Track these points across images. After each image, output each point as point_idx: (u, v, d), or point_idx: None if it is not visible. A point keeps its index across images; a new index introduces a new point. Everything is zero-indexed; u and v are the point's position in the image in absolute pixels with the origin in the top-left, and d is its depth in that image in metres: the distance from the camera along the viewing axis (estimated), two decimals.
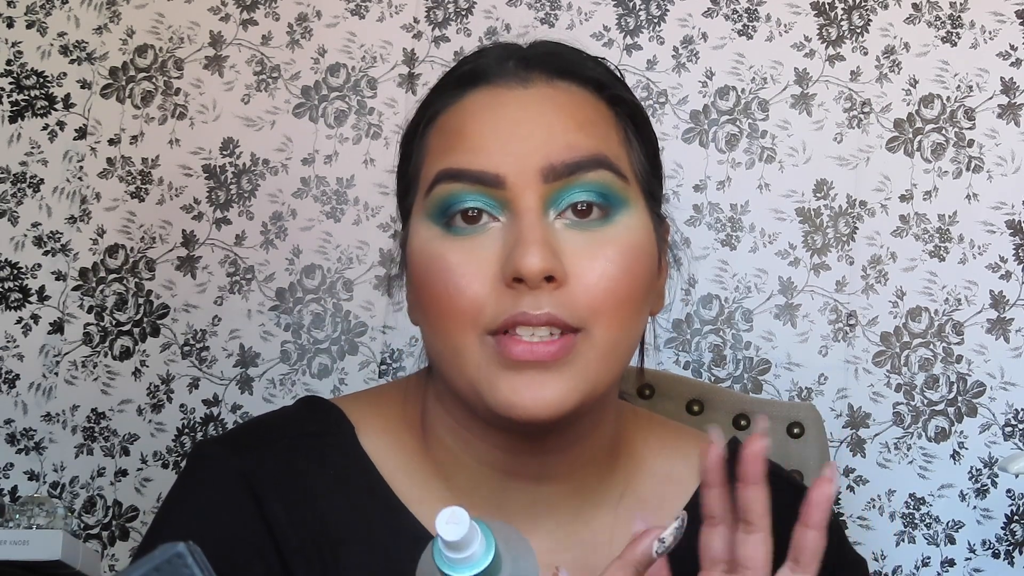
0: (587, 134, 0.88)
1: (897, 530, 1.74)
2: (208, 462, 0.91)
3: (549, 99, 0.89)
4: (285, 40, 1.86)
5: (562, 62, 0.91)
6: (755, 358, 1.77)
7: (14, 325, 1.81)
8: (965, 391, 1.75)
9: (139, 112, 1.84)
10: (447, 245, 0.86)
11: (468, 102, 0.89)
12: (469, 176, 0.86)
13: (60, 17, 1.86)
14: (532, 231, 0.83)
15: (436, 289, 0.86)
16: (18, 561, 1.42)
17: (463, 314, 0.84)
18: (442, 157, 0.88)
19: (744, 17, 1.84)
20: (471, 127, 0.88)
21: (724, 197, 1.80)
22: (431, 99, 0.93)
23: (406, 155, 0.94)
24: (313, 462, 0.91)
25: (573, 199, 0.85)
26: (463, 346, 0.85)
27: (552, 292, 0.83)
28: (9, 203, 1.83)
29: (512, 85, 0.89)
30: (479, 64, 0.92)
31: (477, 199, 0.85)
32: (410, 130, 0.94)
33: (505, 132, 0.87)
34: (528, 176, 0.85)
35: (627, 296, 0.86)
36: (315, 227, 1.82)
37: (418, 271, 0.88)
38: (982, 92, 1.81)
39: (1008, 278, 1.77)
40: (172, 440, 1.78)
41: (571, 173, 0.86)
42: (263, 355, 1.80)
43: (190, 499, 0.91)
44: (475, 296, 0.84)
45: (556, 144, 0.86)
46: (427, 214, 0.88)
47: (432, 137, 0.90)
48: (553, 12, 1.85)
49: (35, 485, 1.77)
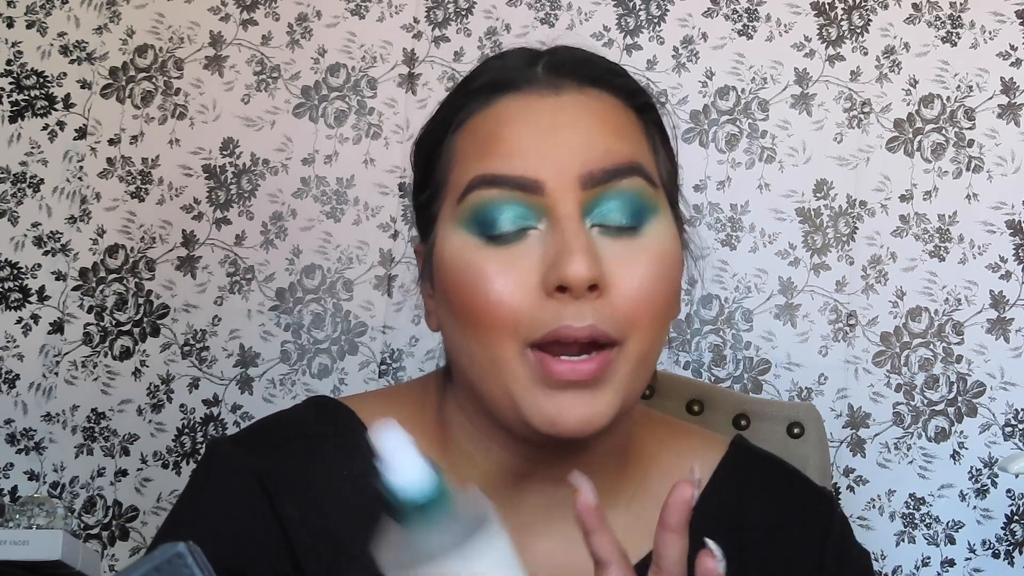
0: (622, 141, 0.88)
1: (897, 530, 1.74)
2: (222, 460, 0.92)
3: (582, 106, 0.88)
4: (285, 40, 1.86)
5: (592, 69, 0.91)
6: (755, 358, 1.77)
7: (14, 325, 1.81)
8: (965, 391, 1.75)
9: (139, 112, 1.84)
10: (484, 254, 0.85)
11: (499, 108, 0.89)
12: (507, 181, 0.85)
13: (60, 17, 1.86)
14: (576, 239, 0.83)
15: (474, 298, 0.84)
16: (18, 561, 1.42)
17: (503, 325, 0.83)
18: (476, 163, 0.87)
19: (744, 17, 1.84)
20: (506, 132, 0.87)
21: (724, 197, 1.80)
22: (456, 103, 0.92)
23: (429, 159, 0.92)
24: (325, 462, 0.91)
25: (610, 215, 0.85)
26: (503, 358, 0.84)
27: (594, 302, 0.83)
28: (9, 203, 1.83)
29: (544, 92, 0.88)
30: (505, 70, 0.91)
31: (514, 207, 0.85)
32: (432, 135, 0.93)
33: (542, 138, 0.86)
34: (567, 182, 0.85)
35: (663, 304, 0.86)
36: (315, 227, 1.82)
37: (453, 280, 0.87)
38: (982, 92, 1.81)
39: (1008, 278, 1.77)
40: (172, 440, 1.78)
41: (608, 180, 0.85)
42: (263, 355, 1.80)
43: (204, 497, 0.91)
44: (516, 306, 0.83)
45: (594, 151, 0.86)
46: (460, 221, 0.87)
47: (462, 142, 0.89)
48: (553, 12, 1.85)
49: (35, 485, 1.77)
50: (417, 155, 0.94)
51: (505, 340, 0.84)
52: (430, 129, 0.93)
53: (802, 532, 0.95)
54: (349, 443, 0.92)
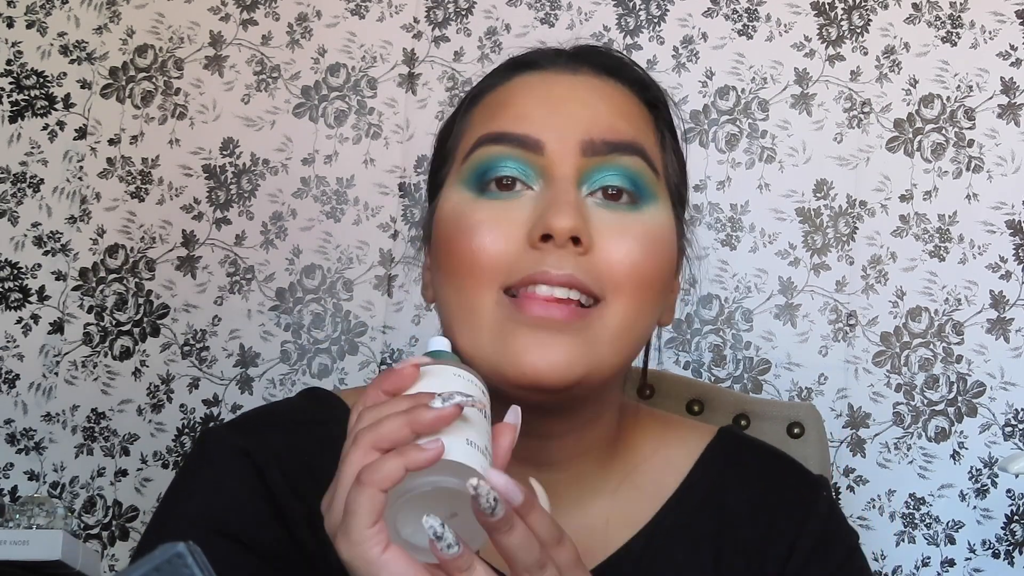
0: (628, 123, 0.90)
1: (897, 530, 1.74)
2: (212, 443, 0.93)
3: (596, 88, 0.92)
4: (285, 40, 1.86)
5: (612, 60, 0.95)
6: (755, 358, 1.77)
7: (14, 325, 1.81)
8: (965, 391, 1.75)
9: (139, 112, 1.84)
10: (478, 206, 0.88)
11: (517, 82, 0.92)
12: (509, 139, 0.88)
13: (60, 17, 1.86)
14: (566, 195, 0.86)
15: (460, 246, 0.87)
16: (18, 561, 1.42)
17: (484, 271, 0.85)
18: (484, 125, 0.90)
19: (744, 17, 1.84)
20: (517, 99, 0.90)
21: (724, 197, 1.80)
22: (477, 85, 0.96)
23: (443, 137, 0.95)
24: (316, 446, 0.93)
25: (606, 182, 0.88)
26: (479, 305, 0.86)
27: (576, 256, 0.85)
28: (9, 203, 1.83)
29: (562, 71, 0.92)
30: (530, 55, 0.95)
31: (514, 164, 0.87)
32: (451, 117, 0.97)
33: (550, 106, 0.89)
34: (568, 146, 0.87)
35: (647, 279, 0.87)
36: (315, 227, 1.82)
37: (444, 232, 0.89)
38: (982, 92, 1.81)
39: (1008, 278, 1.77)
40: (172, 440, 1.78)
41: (608, 152, 0.88)
42: (263, 355, 1.80)
43: (196, 476, 0.92)
44: (499, 254, 0.85)
45: (599, 123, 0.89)
46: (462, 179, 0.90)
47: (475, 113, 0.93)
48: (553, 12, 1.85)
49: (35, 485, 1.77)
50: (438, 139, 0.97)
51: (485, 287, 0.86)
52: (452, 114, 0.97)
53: (782, 514, 0.95)
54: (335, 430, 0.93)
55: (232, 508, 0.88)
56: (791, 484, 0.99)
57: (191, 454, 0.94)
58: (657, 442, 0.98)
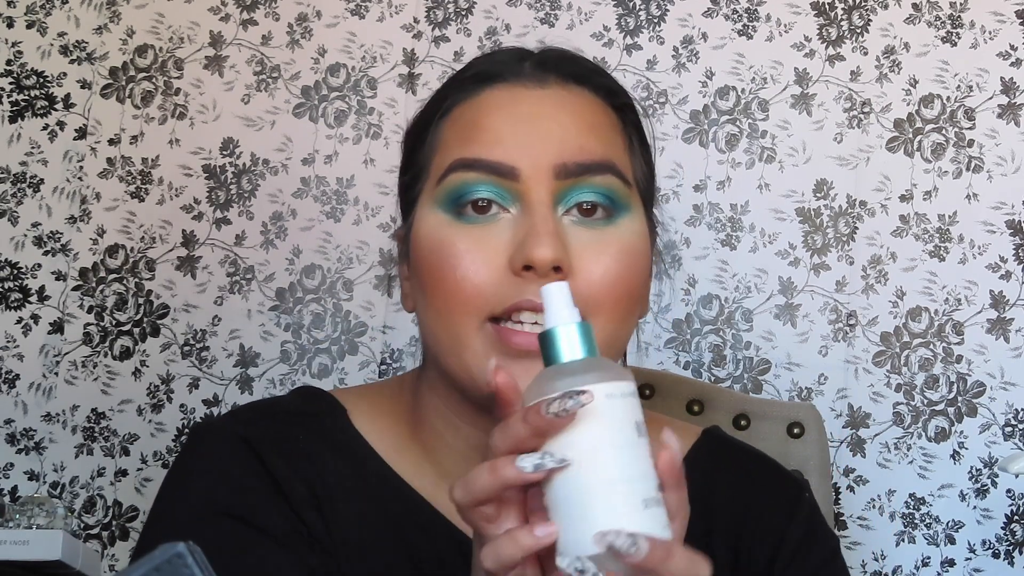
0: (598, 139, 0.91)
1: (897, 530, 1.74)
2: (208, 433, 0.94)
3: (564, 101, 0.92)
4: (285, 40, 1.86)
5: (577, 68, 0.95)
6: (755, 358, 1.77)
7: (14, 325, 1.81)
8: (965, 391, 1.75)
9: (139, 112, 1.84)
10: (456, 231, 0.88)
11: (485, 98, 0.92)
12: (484, 166, 0.88)
13: (60, 17, 1.86)
14: (545, 223, 0.86)
15: (442, 274, 0.88)
16: (18, 561, 1.42)
17: (467, 300, 0.87)
18: (457, 148, 0.90)
19: (744, 17, 1.84)
20: (488, 121, 0.91)
21: (724, 197, 1.80)
22: (445, 93, 0.95)
23: (415, 146, 0.96)
24: (309, 434, 0.94)
25: (581, 198, 0.89)
26: (464, 332, 0.87)
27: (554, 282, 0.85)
28: (9, 203, 1.83)
29: (529, 84, 0.92)
30: (495, 63, 0.95)
31: (490, 189, 0.88)
32: (420, 122, 0.96)
33: (521, 127, 0.90)
34: (542, 171, 0.88)
35: (625, 293, 0.89)
36: (315, 227, 1.82)
37: (424, 256, 0.90)
38: (982, 92, 1.81)
39: (1008, 278, 1.77)
40: (172, 440, 1.78)
41: (581, 174, 0.89)
42: (263, 355, 1.80)
43: (195, 464, 0.93)
44: (481, 283, 0.86)
45: (570, 145, 0.89)
46: (437, 202, 0.90)
47: (446, 129, 0.93)
48: (553, 12, 1.85)
49: (35, 485, 1.77)
50: (404, 142, 0.98)
51: (467, 316, 0.87)
52: (418, 118, 0.97)
53: (769, 510, 0.97)
54: (327, 422, 0.96)
55: (236, 490, 0.89)
56: (775, 485, 1.00)
57: (186, 447, 0.95)
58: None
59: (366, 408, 0.97)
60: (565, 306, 0.74)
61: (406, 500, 0.93)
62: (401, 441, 0.96)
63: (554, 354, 0.73)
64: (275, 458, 0.91)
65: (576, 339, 0.73)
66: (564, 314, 0.74)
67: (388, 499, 0.93)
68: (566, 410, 0.69)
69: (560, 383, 0.71)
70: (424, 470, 0.95)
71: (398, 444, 0.96)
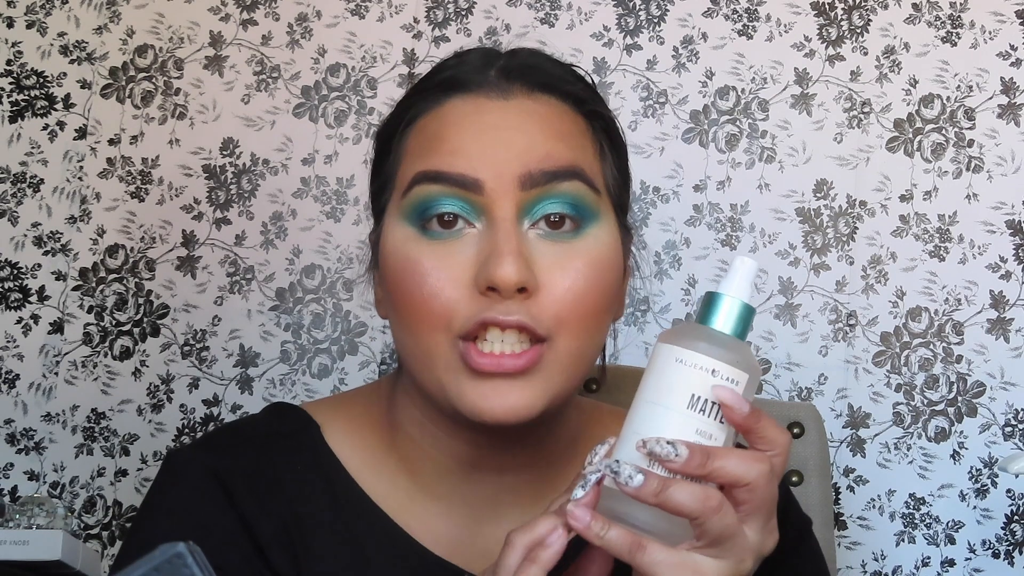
0: (565, 145, 0.90)
1: (897, 530, 1.74)
2: (179, 463, 0.94)
3: (528, 111, 0.91)
4: (285, 40, 1.86)
5: (543, 76, 0.93)
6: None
7: (14, 325, 1.81)
8: (965, 391, 1.75)
9: (139, 112, 1.84)
10: (422, 248, 0.88)
11: (448, 108, 0.91)
12: (447, 179, 0.87)
13: (60, 17, 1.86)
14: (508, 242, 0.85)
15: (410, 291, 0.87)
16: (18, 561, 1.42)
17: (436, 318, 0.86)
18: (421, 159, 0.90)
19: (744, 17, 1.84)
20: (451, 132, 0.89)
21: (724, 197, 1.80)
22: (410, 101, 0.95)
23: (382, 153, 0.96)
24: (282, 459, 0.94)
25: (547, 210, 0.88)
26: (434, 348, 0.87)
27: (522, 301, 0.85)
28: (9, 203, 1.83)
29: (492, 96, 0.91)
30: (460, 71, 0.93)
31: (454, 203, 0.87)
32: (387, 128, 0.96)
33: (485, 138, 0.88)
34: (506, 182, 0.87)
35: (592, 308, 0.88)
36: (315, 227, 1.82)
37: (392, 271, 0.90)
38: (982, 92, 1.81)
39: (1008, 278, 1.77)
40: (172, 440, 1.78)
41: (547, 182, 0.88)
42: (263, 355, 1.80)
43: (164, 497, 0.93)
44: (448, 301, 0.86)
45: (535, 153, 0.88)
46: (403, 215, 0.90)
47: (411, 139, 0.92)
48: (553, 12, 1.85)
49: (35, 485, 1.77)
50: (375, 147, 0.98)
51: (437, 332, 0.86)
52: (385, 126, 0.97)
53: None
54: (300, 441, 0.95)
55: (200, 532, 0.87)
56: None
57: (159, 475, 0.95)
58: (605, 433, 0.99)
59: (341, 423, 0.97)
60: (748, 283, 0.80)
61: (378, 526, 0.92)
62: (376, 455, 0.95)
63: (708, 314, 0.80)
64: (245, 494, 0.91)
65: (734, 316, 0.80)
66: (740, 288, 0.80)
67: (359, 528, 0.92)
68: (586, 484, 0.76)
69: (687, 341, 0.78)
70: (399, 484, 0.94)
71: (373, 458, 0.95)
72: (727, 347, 0.78)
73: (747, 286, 0.80)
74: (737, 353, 0.78)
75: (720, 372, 0.77)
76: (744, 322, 0.80)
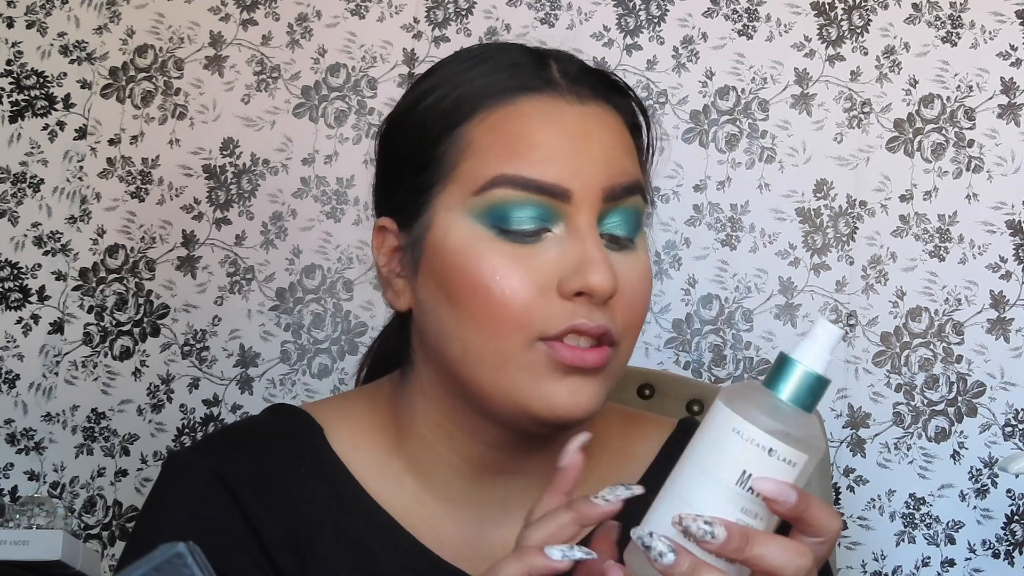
0: (632, 160, 0.92)
1: (897, 530, 1.74)
2: (181, 467, 0.93)
3: (601, 119, 0.91)
4: (285, 40, 1.86)
5: (602, 83, 0.94)
6: (755, 358, 1.77)
7: (14, 325, 1.81)
8: (965, 391, 1.75)
9: (139, 112, 1.84)
10: (497, 248, 0.87)
11: (525, 106, 0.90)
12: (535, 186, 0.87)
13: (60, 17, 1.86)
14: (600, 250, 0.87)
15: (486, 291, 0.86)
16: (18, 561, 1.42)
17: (514, 319, 0.86)
18: (501, 160, 0.88)
19: (744, 17, 1.84)
20: (535, 136, 0.88)
21: (724, 197, 1.80)
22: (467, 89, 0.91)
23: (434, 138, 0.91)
24: (285, 461, 0.93)
25: (616, 230, 0.89)
26: (508, 349, 0.86)
27: (603, 307, 0.87)
28: (9, 203, 1.83)
29: (569, 99, 0.91)
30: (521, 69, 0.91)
31: (537, 208, 0.87)
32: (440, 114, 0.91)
33: (570, 147, 0.88)
34: (592, 193, 0.87)
35: (644, 315, 0.91)
36: (315, 227, 1.82)
37: (457, 269, 0.88)
38: (982, 92, 1.81)
39: (1008, 278, 1.77)
40: (172, 440, 1.78)
41: (622, 196, 0.89)
42: (263, 355, 1.80)
43: (167, 501, 0.92)
44: (529, 302, 0.86)
45: (615, 167, 0.89)
46: (474, 213, 0.88)
47: (480, 132, 0.89)
48: (553, 12, 1.85)
49: (35, 485, 1.77)
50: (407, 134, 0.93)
51: (513, 334, 0.86)
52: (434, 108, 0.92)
53: None
54: (303, 444, 0.94)
55: (205, 534, 0.86)
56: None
57: (160, 478, 0.94)
58: (621, 436, 1.00)
59: (343, 424, 0.96)
60: (827, 352, 0.73)
61: (383, 530, 0.92)
62: (380, 457, 0.95)
63: (776, 380, 0.73)
64: (250, 496, 0.90)
65: (808, 387, 0.73)
66: (817, 356, 0.73)
67: (365, 532, 0.92)
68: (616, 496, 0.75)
69: (747, 410, 0.72)
70: (404, 486, 0.94)
71: (377, 460, 0.94)
72: (790, 423, 0.72)
73: (825, 355, 0.73)
74: (800, 429, 0.72)
75: (777, 452, 0.72)
76: (815, 395, 0.73)
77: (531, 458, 0.93)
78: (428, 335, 0.91)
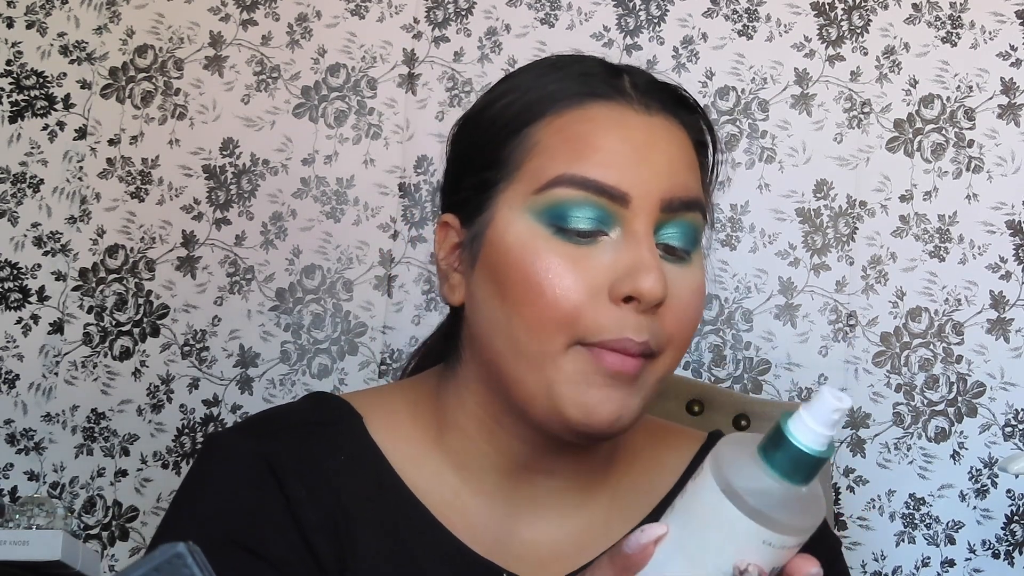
0: (694, 177, 0.93)
1: (897, 530, 1.74)
2: (224, 447, 0.93)
3: (668, 131, 0.93)
4: (285, 40, 1.86)
5: (670, 98, 0.96)
6: (755, 358, 1.77)
7: (14, 325, 1.81)
8: (965, 391, 1.75)
9: (139, 112, 1.84)
10: (554, 247, 0.87)
11: (594, 112, 0.91)
12: (596, 187, 0.88)
13: (60, 17, 1.86)
14: (654, 256, 0.87)
15: (537, 289, 0.87)
16: (18, 561, 1.42)
17: (561, 319, 0.86)
18: (564, 161, 0.89)
19: (744, 17, 1.84)
20: (600, 139, 0.90)
21: (724, 197, 1.80)
22: (541, 93, 0.93)
23: (504, 137, 0.92)
24: (325, 448, 0.93)
25: (672, 240, 0.90)
26: (550, 351, 0.86)
27: (650, 317, 0.87)
28: (9, 203, 1.83)
29: (637, 108, 0.92)
30: (592, 78, 0.94)
31: (596, 210, 0.88)
32: (512, 113, 0.93)
33: (634, 154, 0.89)
34: (651, 201, 0.88)
35: (693, 331, 0.92)
36: (315, 227, 1.82)
37: (512, 264, 0.88)
38: (982, 92, 1.81)
39: (1008, 278, 1.77)
40: (172, 440, 1.78)
41: (680, 210, 0.90)
42: (263, 355, 1.80)
43: (209, 480, 0.92)
44: (578, 304, 0.86)
45: (677, 179, 0.90)
46: (533, 211, 0.88)
47: (547, 133, 0.91)
48: (553, 12, 1.85)
49: (35, 485, 1.77)
50: (477, 133, 0.95)
51: (557, 334, 0.86)
52: (507, 109, 0.94)
53: None
54: (342, 431, 0.94)
55: (247, 516, 0.88)
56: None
57: (201, 459, 0.93)
58: (652, 445, 1.00)
59: (383, 414, 0.96)
60: (829, 428, 0.68)
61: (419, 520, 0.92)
62: (419, 448, 0.95)
63: (773, 456, 0.69)
64: (293, 480, 0.90)
65: (804, 465, 0.68)
66: (818, 434, 0.68)
67: (401, 521, 0.92)
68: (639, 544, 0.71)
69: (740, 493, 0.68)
70: (444, 479, 0.94)
71: (416, 452, 0.94)
72: (789, 506, 0.68)
73: (829, 430, 0.68)
74: (799, 514, 0.69)
75: (773, 544, 0.68)
76: (816, 470, 0.69)
77: (566, 460, 0.93)
78: (477, 329, 0.92)
